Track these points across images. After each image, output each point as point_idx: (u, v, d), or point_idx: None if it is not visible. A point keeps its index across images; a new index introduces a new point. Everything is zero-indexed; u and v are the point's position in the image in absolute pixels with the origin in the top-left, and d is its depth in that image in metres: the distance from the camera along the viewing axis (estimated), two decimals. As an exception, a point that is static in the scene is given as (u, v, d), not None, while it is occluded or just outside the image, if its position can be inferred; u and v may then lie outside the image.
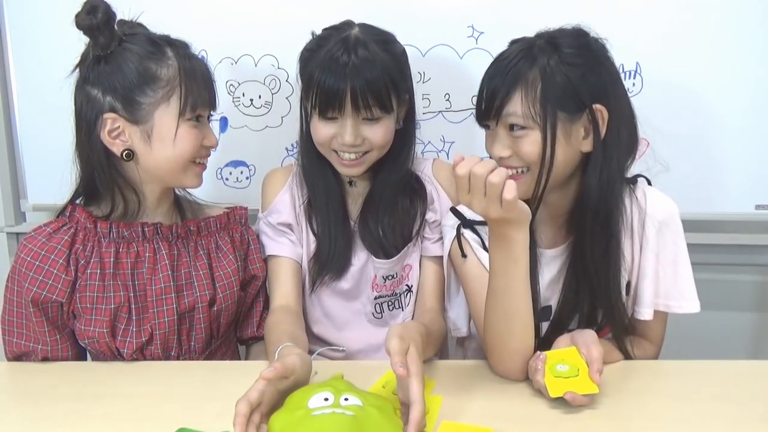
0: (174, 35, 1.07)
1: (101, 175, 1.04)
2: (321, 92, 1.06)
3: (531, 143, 0.95)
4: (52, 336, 1.05)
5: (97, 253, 1.04)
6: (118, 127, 1.01)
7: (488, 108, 0.98)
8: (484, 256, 1.05)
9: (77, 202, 1.09)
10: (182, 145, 1.03)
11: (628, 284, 1.08)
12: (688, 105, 1.44)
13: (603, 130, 0.97)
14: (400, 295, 1.24)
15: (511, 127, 0.97)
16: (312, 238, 1.21)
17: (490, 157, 1.03)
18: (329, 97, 1.05)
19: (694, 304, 1.07)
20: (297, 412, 0.76)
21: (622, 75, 1.43)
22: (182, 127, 1.02)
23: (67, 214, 1.07)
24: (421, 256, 1.23)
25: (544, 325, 1.09)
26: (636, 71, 1.44)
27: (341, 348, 0.94)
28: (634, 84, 1.44)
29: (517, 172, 0.99)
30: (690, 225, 1.54)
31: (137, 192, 1.07)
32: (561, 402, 0.87)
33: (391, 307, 1.24)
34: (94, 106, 1.01)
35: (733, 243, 1.58)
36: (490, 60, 1.42)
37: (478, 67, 1.45)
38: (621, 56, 1.42)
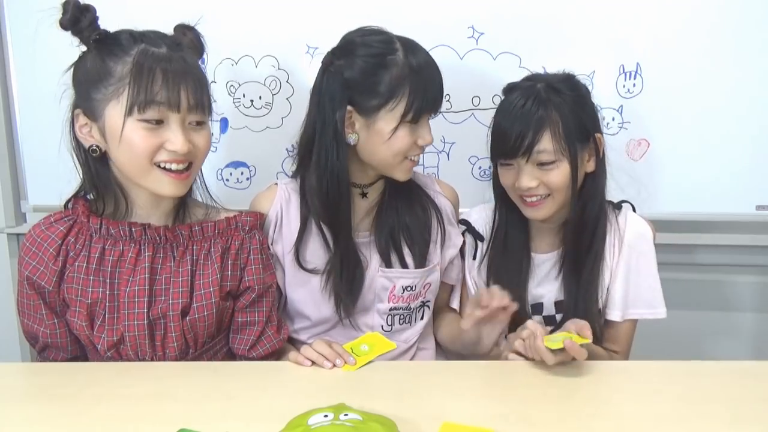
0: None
1: (85, 171, 1.06)
2: None
3: (559, 174, 1.12)
4: (50, 319, 1.07)
5: (87, 247, 1.05)
6: (86, 123, 1.01)
7: (517, 148, 1.11)
8: (469, 262, 1.27)
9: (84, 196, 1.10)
10: (128, 145, 0.97)
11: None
12: (689, 105, 1.45)
13: (602, 153, 1.17)
14: (413, 310, 1.23)
15: (540, 162, 1.12)
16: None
17: (496, 187, 1.23)
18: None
19: (661, 311, 1.20)
20: (296, 429, 0.77)
21: (623, 75, 1.45)
22: (129, 126, 0.96)
23: (70, 207, 1.09)
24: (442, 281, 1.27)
25: (537, 320, 1.15)
26: (636, 71, 1.44)
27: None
28: (634, 84, 1.45)
29: (539, 198, 1.15)
30: (690, 225, 1.55)
31: (123, 191, 1.06)
32: (561, 402, 0.88)
33: (402, 322, 1.22)
34: (72, 101, 1.03)
35: (733, 244, 1.58)
36: (491, 61, 1.43)
37: (478, 67, 1.46)
38: (621, 56, 1.44)
